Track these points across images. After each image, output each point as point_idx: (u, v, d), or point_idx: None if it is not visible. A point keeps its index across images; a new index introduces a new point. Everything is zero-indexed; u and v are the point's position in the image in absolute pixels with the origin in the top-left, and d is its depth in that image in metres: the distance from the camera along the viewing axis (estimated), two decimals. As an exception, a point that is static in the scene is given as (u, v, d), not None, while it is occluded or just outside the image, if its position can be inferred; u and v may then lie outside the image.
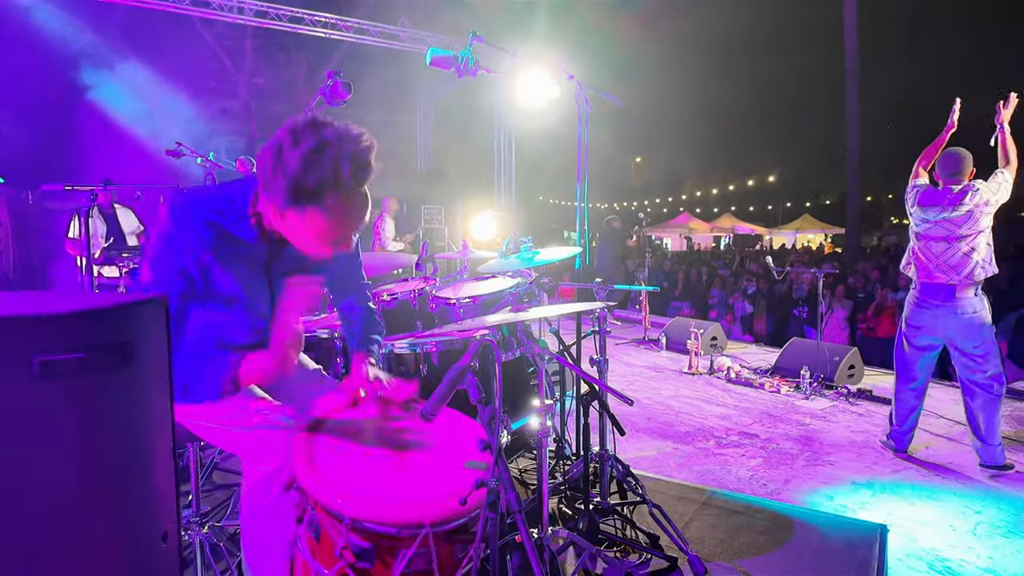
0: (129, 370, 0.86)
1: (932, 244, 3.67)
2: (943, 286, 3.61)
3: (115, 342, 0.84)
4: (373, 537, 1.18)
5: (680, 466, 3.79)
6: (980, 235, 3.53)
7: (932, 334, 3.71)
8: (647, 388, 5.59)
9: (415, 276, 3.44)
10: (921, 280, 3.72)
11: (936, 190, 3.67)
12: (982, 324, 3.55)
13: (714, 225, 27.02)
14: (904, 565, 2.60)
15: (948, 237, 3.59)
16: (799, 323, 8.71)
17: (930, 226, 3.67)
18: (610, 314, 8.89)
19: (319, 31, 9.74)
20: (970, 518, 3.09)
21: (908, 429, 3.90)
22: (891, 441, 3.98)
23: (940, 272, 3.62)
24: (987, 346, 3.56)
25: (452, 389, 1.30)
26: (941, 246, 3.62)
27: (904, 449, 3.93)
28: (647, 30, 22.68)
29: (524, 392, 2.61)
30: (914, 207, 3.77)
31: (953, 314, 3.58)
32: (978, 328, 3.55)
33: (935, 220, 3.64)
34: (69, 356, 0.78)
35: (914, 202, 3.78)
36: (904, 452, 3.93)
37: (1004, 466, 3.60)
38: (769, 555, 2.35)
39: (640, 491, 2.49)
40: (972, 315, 3.55)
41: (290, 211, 1.41)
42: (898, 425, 3.93)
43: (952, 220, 3.57)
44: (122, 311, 0.85)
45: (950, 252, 3.58)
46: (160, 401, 0.91)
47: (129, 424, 0.86)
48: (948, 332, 3.64)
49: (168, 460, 0.92)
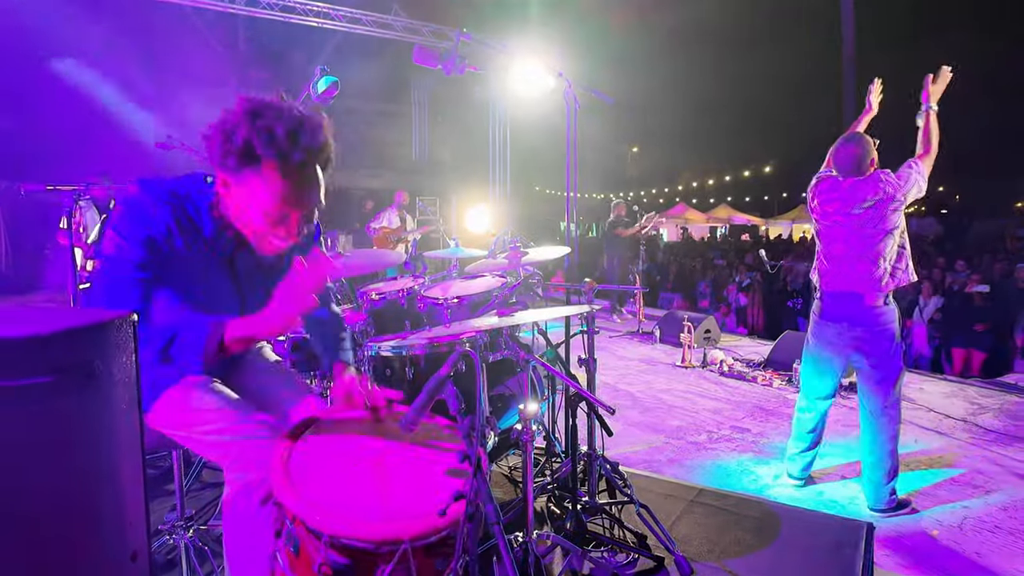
0: (96, 390, 0.84)
1: (831, 247, 3.13)
2: (847, 296, 3.07)
3: (81, 362, 0.83)
4: (352, 553, 1.17)
5: (671, 461, 3.80)
6: (888, 236, 2.98)
7: (837, 351, 3.15)
8: (640, 381, 5.60)
9: (404, 275, 3.42)
10: (823, 289, 3.18)
11: (837, 181, 3.11)
12: (889, 340, 3.02)
13: (710, 216, 27.01)
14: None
15: (849, 238, 3.05)
16: (794, 315, 8.74)
17: (829, 225, 3.13)
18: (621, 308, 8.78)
19: (311, 20, 9.64)
20: (958, 512, 3.12)
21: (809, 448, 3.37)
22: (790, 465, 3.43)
23: (842, 279, 3.08)
24: (891, 363, 3.03)
25: (432, 399, 1.29)
26: (842, 249, 3.09)
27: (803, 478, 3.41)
28: (642, 19, 22.54)
29: (512, 395, 2.60)
30: (813, 202, 3.22)
31: (858, 326, 3.05)
32: (884, 344, 3.02)
33: (834, 219, 3.10)
34: (36, 381, 0.77)
35: (812, 196, 3.24)
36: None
37: (897, 506, 3.09)
38: (756, 554, 2.36)
39: (628, 490, 2.49)
40: (878, 327, 3.02)
41: (228, 177, 1.43)
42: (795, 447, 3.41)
43: (854, 219, 3.03)
44: (86, 331, 0.83)
45: (853, 256, 3.04)
46: (129, 420, 0.90)
47: (97, 445, 0.85)
48: (852, 348, 3.10)
49: (137, 480, 0.92)
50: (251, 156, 1.38)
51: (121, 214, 1.45)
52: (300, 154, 1.39)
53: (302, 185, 1.43)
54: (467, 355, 1.28)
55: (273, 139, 1.36)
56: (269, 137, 1.36)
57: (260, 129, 1.36)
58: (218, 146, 1.40)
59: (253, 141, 1.36)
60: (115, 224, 1.45)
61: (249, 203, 1.44)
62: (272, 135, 1.36)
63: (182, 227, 1.48)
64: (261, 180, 1.40)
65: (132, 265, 1.43)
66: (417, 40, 10.53)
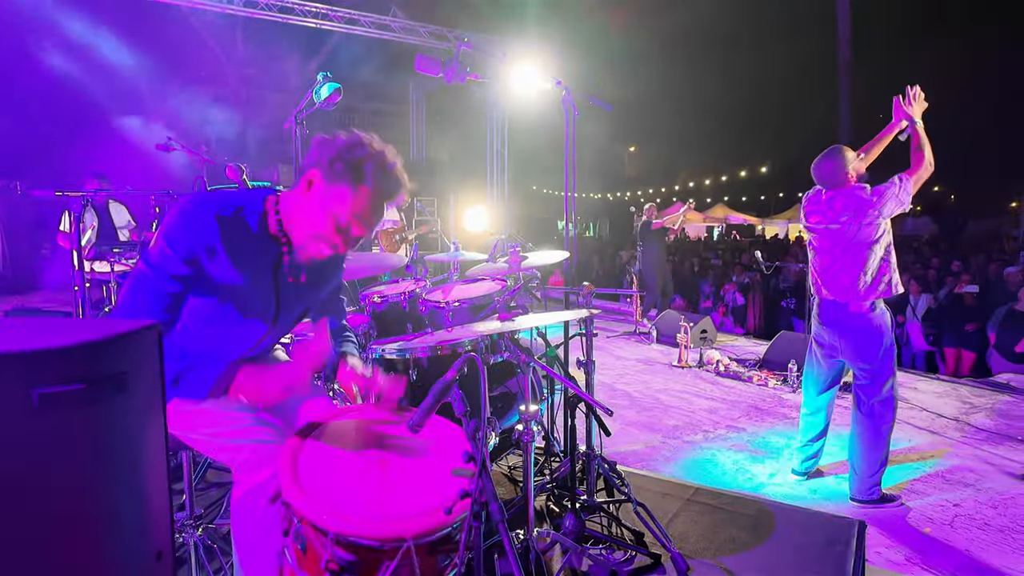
0: (125, 397, 0.89)
1: (819, 257, 3.25)
2: (833, 303, 3.18)
3: (112, 373, 0.88)
4: (357, 550, 1.22)
5: (668, 460, 3.86)
6: (867, 249, 3.04)
7: (830, 352, 3.29)
8: (638, 381, 5.66)
9: (406, 278, 3.47)
10: (816, 295, 3.31)
11: (819, 194, 3.22)
12: (877, 343, 3.09)
13: (707, 215, 27.07)
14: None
15: (832, 250, 3.15)
16: (788, 315, 8.81)
17: (815, 236, 3.24)
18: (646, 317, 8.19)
19: (309, 21, 9.66)
20: (949, 510, 3.18)
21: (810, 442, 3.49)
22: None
23: (828, 288, 3.19)
24: (879, 367, 3.10)
25: (438, 402, 1.34)
26: (827, 259, 3.19)
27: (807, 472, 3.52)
28: (640, 20, 22.60)
29: (513, 394, 2.65)
30: (801, 213, 3.33)
31: (845, 332, 3.15)
32: (870, 346, 3.10)
33: (818, 230, 3.21)
34: (68, 388, 0.82)
35: (801, 208, 3.35)
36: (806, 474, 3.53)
37: (880, 499, 3.18)
38: (750, 551, 2.42)
39: (626, 489, 2.54)
40: (864, 333, 3.11)
41: (323, 179, 1.55)
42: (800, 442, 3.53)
43: (833, 232, 3.13)
44: (118, 342, 0.88)
45: (837, 267, 3.13)
46: (155, 425, 0.95)
47: (125, 449, 0.90)
48: (841, 351, 3.21)
49: (162, 482, 0.96)
50: (358, 172, 1.54)
51: (174, 224, 1.52)
52: (390, 194, 1.60)
53: (376, 213, 1.60)
54: (472, 360, 1.33)
55: (383, 171, 1.57)
56: (381, 169, 1.56)
57: (377, 159, 1.56)
58: (334, 150, 1.54)
59: (367, 164, 1.54)
60: (165, 232, 1.52)
61: (326, 207, 1.56)
62: (384, 168, 1.57)
63: (229, 242, 1.55)
64: (351, 194, 1.54)
65: (168, 277, 1.51)
66: (415, 40, 10.57)
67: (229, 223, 1.55)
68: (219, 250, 1.54)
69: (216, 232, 1.53)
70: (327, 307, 1.96)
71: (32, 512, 0.81)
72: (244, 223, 1.59)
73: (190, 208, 1.53)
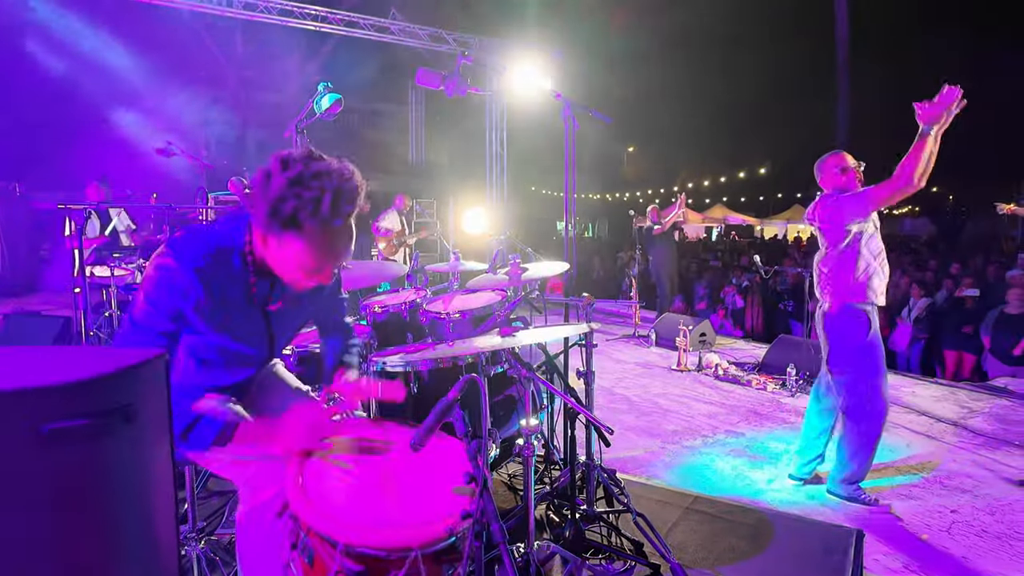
0: (132, 429, 0.90)
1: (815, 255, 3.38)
2: (816, 301, 3.31)
3: (120, 404, 0.89)
4: (365, 560, 1.25)
5: (667, 465, 3.88)
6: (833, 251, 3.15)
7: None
8: (636, 385, 5.67)
9: (406, 287, 3.48)
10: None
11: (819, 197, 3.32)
12: (840, 346, 3.16)
13: (706, 216, 27.07)
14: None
15: (819, 250, 3.30)
16: (786, 317, 8.83)
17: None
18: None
19: (309, 24, 9.67)
20: (946, 516, 3.20)
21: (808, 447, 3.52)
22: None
23: (817, 286, 3.31)
24: (843, 370, 3.17)
25: (440, 421, 1.36)
26: (816, 258, 3.33)
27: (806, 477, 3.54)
28: (640, 20, 22.60)
29: (514, 401, 2.66)
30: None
31: (821, 331, 3.27)
32: (839, 350, 3.17)
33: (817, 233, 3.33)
34: (75, 423, 0.83)
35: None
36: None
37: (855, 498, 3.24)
38: (748, 560, 2.44)
39: (625, 499, 2.56)
40: (830, 334, 3.20)
41: (270, 236, 1.48)
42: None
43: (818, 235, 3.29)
44: (126, 374, 0.89)
45: (817, 269, 3.29)
46: (162, 456, 0.96)
47: (133, 480, 0.91)
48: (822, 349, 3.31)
49: (169, 509, 0.98)
50: (295, 223, 1.43)
51: (154, 281, 1.49)
52: (341, 220, 1.46)
53: (338, 242, 1.51)
54: (473, 381, 1.34)
55: (318, 211, 1.41)
56: (315, 208, 1.41)
57: (306, 201, 1.40)
58: (263, 212, 1.44)
59: (300, 214, 1.41)
60: (146, 290, 1.49)
61: (288, 258, 1.50)
62: (318, 207, 1.41)
63: (212, 290, 1.52)
64: (303, 241, 1.45)
65: (156, 334, 1.48)
66: (414, 43, 10.57)
67: (209, 272, 1.51)
68: (203, 301, 1.51)
69: (198, 287, 1.49)
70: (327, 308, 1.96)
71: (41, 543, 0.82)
72: (227, 263, 1.55)
73: (167, 266, 1.48)
